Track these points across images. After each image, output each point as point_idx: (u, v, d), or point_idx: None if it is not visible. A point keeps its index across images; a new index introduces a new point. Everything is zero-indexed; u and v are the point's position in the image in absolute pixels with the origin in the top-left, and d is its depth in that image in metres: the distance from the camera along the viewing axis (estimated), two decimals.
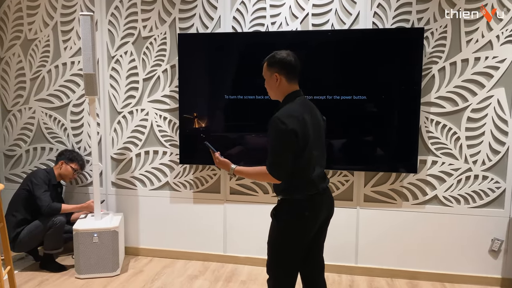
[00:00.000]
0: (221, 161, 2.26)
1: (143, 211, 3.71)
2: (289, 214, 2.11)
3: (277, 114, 2.04)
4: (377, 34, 3.14)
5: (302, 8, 3.27)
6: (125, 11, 3.54)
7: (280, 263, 2.17)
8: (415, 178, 3.25)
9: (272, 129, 2.03)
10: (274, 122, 2.03)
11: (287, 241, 2.12)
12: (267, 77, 2.17)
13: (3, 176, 3.96)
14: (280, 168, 2.03)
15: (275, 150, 2.03)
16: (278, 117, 2.02)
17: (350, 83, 3.17)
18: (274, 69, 2.12)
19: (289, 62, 2.11)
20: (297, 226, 2.11)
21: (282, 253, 2.15)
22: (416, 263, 3.29)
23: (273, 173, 2.04)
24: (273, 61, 2.12)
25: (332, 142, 3.26)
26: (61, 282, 3.22)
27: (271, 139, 2.04)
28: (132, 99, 3.62)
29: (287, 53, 2.14)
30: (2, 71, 3.84)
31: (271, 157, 2.04)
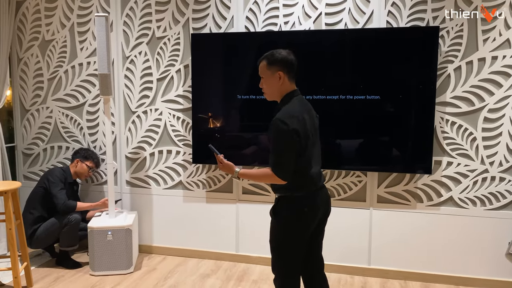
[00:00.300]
0: (225, 164, 2.21)
1: (157, 210, 3.75)
2: (289, 211, 2.13)
3: (277, 116, 2.05)
4: (392, 33, 3.10)
5: (315, 7, 3.25)
6: (140, 11, 3.58)
7: (284, 261, 2.18)
8: (429, 179, 3.20)
9: (273, 130, 2.04)
10: (275, 123, 2.04)
11: (289, 238, 2.14)
12: (267, 76, 2.15)
13: (22, 174, 4.05)
14: (285, 168, 2.04)
15: (278, 151, 2.04)
16: (279, 118, 2.03)
17: (363, 83, 3.14)
18: (277, 67, 2.11)
19: (291, 61, 2.13)
20: (297, 223, 2.13)
21: (285, 251, 2.17)
22: (430, 266, 3.24)
23: (279, 174, 2.04)
24: (274, 59, 2.11)
25: (345, 142, 3.24)
26: (76, 278, 3.28)
27: (273, 141, 2.06)
28: (146, 99, 3.66)
29: (287, 52, 2.14)
30: (21, 71, 3.92)
31: (275, 158, 2.05)
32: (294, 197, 2.12)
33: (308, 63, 3.21)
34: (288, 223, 2.14)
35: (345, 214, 3.35)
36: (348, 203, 3.35)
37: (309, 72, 3.21)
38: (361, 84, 3.14)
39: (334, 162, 3.27)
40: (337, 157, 3.27)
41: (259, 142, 3.41)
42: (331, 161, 3.27)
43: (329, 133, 3.25)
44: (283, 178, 2.05)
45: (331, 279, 3.30)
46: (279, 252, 2.18)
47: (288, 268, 2.18)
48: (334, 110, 3.21)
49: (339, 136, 3.26)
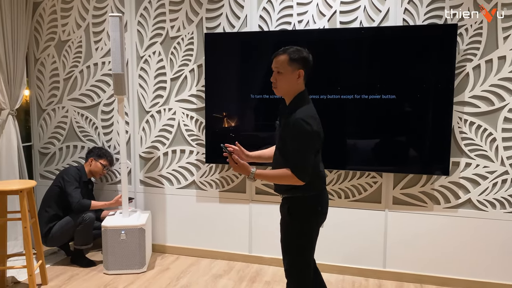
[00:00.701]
0: (241, 164, 2.11)
1: (170, 209, 3.76)
2: (305, 211, 2.15)
3: (299, 116, 2.03)
4: (408, 31, 3.03)
5: (330, 5, 3.20)
6: (154, 11, 3.59)
7: (302, 261, 2.18)
8: (447, 181, 3.12)
9: (296, 130, 2.01)
10: (299, 123, 2.00)
11: (307, 236, 2.16)
12: (286, 71, 2.09)
13: (38, 173, 4.10)
14: (306, 169, 2.03)
15: (300, 151, 2.02)
16: (303, 118, 2.01)
17: (379, 82, 3.08)
18: (298, 65, 2.08)
19: (311, 62, 2.15)
20: (313, 221, 2.17)
21: (303, 250, 2.18)
22: (447, 269, 3.16)
23: (300, 175, 2.02)
24: (297, 57, 2.08)
25: (359, 143, 3.19)
26: (90, 277, 3.30)
27: (294, 140, 2.03)
28: (160, 98, 3.67)
29: (307, 52, 2.13)
30: (38, 71, 3.97)
31: (296, 159, 2.02)
32: (308, 197, 2.12)
33: (323, 62, 3.16)
34: (306, 223, 2.16)
35: (360, 215, 3.29)
36: (363, 205, 3.29)
37: (324, 71, 3.16)
38: (376, 84, 3.08)
39: (349, 163, 3.22)
40: (351, 157, 3.21)
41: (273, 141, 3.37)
42: (345, 161, 3.22)
43: (343, 133, 3.20)
44: (303, 180, 2.03)
45: (345, 281, 3.26)
46: (299, 253, 2.17)
47: (305, 268, 2.19)
48: (349, 109, 3.16)
49: (353, 136, 3.20)
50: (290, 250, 2.19)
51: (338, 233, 3.34)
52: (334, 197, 3.34)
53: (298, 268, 2.20)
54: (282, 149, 2.13)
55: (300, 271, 2.19)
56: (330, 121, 3.18)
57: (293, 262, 2.20)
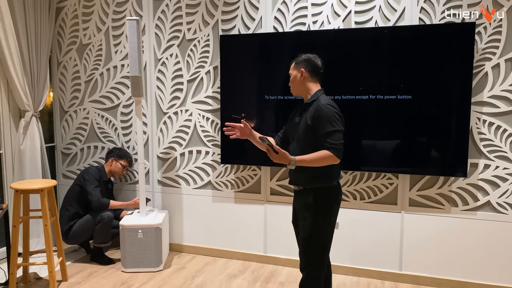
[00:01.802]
0: (282, 153, 2.13)
1: (187, 209, 3.81)
2: (329, 200, 2.29)
3: (323, 102, 2.21)
4: (425, 30, 2.98)
5: (345, 5, 3.19)
6: (171, 14, 3.65)
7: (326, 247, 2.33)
8: (465, 183, 3.06)
9: (325, 114, 2.17)
10: (326, 107, 2.18)
11: (332, 225, 2.31)
12: (293, 74, 2.36)
13: (61, 173, 4.23)
14: (341, 147, 2.16)
15: (335, 132, 2.15)
16: (326, 103, 2.21)
17: (394, 82, 3.04)
18: (301, 65, 2.33)
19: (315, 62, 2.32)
20: (334, 210, 2.32)
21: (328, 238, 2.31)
22: (466, 273, 3.09)
23: (339, 154, 2.15)
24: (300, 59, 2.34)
25: (375, 144, 3.16)
26: (108, 274, 3.38)
27: (327, 122, 2.16)
28: (177, 100, 3.73)
29: (314, 56, 2.35)
30: (60, 74, 4.10)
31: (333, 139, 2.14)
32: (329, 187, 2.28)
33: (338, 63, 3.16)
34: (331, 211, 2.29)
35: (376, 217, 3.26)
36: (379, 206, 3.26)
37: (339, 72, 3.15)
38: (392, 84, 3.05)
39: (364, 164, 3.19)
40: (366, 158, 3.19)
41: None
42: (361, 163, 3.19)
43: (359, 134, 3.18)
44: (340, 157, 2.16)
45: (360, 283, 3.23)
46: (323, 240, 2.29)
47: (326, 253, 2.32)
48: (364, 110, 3.14)
49: (369, 137, 3.17)
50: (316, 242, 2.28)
51: (353, 234, 3.32)
52: (349, 198, 3.32)
53: (321, 259, 2.31)
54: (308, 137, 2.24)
55: (321, 263, 2.31)
56: (345, 122, 3.16)
57: (316, 254, 2.29)
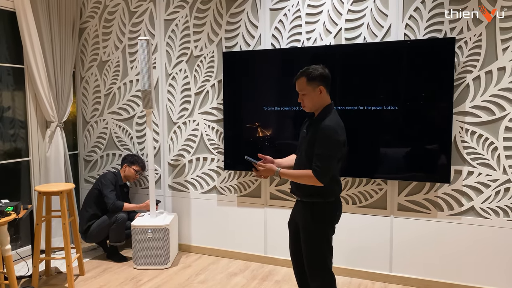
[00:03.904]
0: (266, 168, 2.35)
1: (195, 212, 4.11)
2: (328, 216, 2.37)
3: (329, 123, 2.24)
4: (408, 45, 3.19)
5: (336, 23, 3.43)
6: (180, 33, 4.00)
7: (329, 262, 2.42)
8: (450, 189, 3.22)
9: (326, 136, 2.22)
10: (328, 130, 2.22)
11: (329, 240, 2.38)
12: (308, 91, 2.31)
13: (83, 178, 4.63)
14: (328, 174, 2.24)
15: (325, 156, 2.22)
16: (333, 126, 2.24)
17: (381, 94, 3.25)
18: (317, 82, 2.30)
19: (328, 76, 2.34)
20: (332, 224, 2.40)
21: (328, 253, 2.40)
22: (452, 275, 3.24)
23: (320, 178, 2.22)
24: (313, 75, 2.29)
25: (364, 152, 3.36)
26: (121, 270, 3.71)
27: (322, 145, 2.22)
28: (186, 111, 4.05)
29: (322, 67, 2.34)
30: (83, 88, 4.52)
31: (320, 163, 2.22)
32: (329, 203, 2.36)
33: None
34: (329, 227, 2.39)
35: (367, 221, 3.45)
36: (369, 211, 3.45)
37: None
38: (379, 95, 3.26)
39: (355, 170, 3.40)
40: (357, 165, 3.39)
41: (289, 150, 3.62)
42: (353, 169, 3.40)
43: (349, 143, 3.38)
44: (322, 181, 2.23)
45: (352, 283, 3.42)
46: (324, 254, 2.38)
47: (330, 268, 2.41)
48: (353, 120, 3.35)
49: (359, 146, 3.38)
50: (316, 253, 2.37)
51: (346, 237, 3.52)
52: (342, 203, 3.52)
53: (324, 269, 2.40)
54: (308, 152, 2.30)
55: (327, 272, 2.41)
56: None
57: (319, 265, 2.39)
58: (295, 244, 2.56)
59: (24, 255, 3.89)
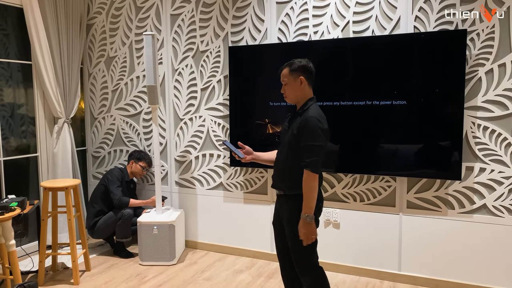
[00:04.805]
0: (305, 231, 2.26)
1: (201, 208, 4.08)
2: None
3: (312, 114, 2.24)
4: (418, 38, 3.09)
5: (343, 16, 3.35)
6: (186, 28, 3.96)
7: (316, 254, 2.39)
8: (461, 186, 3.12)
9: (309, 127, 2.21)
10: (312, 121, 2.22)
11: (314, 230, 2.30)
12: (289, 81, 2.34)
13: (91, 174, 4.64)
14: (319, 163, 2.24)
15: (313, 147, 2.21)
16: (316, 117, 2.24)
17: (390, 88, 3.17)
18: (298, 73, 2.32)
19: (310, 68, 2.35)
20: (317, 217, 2.34)
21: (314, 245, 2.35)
22: (463, 275, 3.14)
23: (314, 169, 2.20)
24: (295, 66, 2.33)
25: (373, 148, 3.28)
26: (127, 266, 3.71)
27: (308, 137, 2.22)
28: (192, 107, 4.02)
29: (306, 61, 2.36)
30: (91, 84, 4.53)
31: (310, 155, 2.21)
32: None
33: (336, 70, 3.33)
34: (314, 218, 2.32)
35: (375, 218, 3.38)
36: (378, 208, 3.37)
37: (337, 78, 3.32)
38: (387, 89, 3.17)
39: (363, 167, 3.33)
40: (365, 162, 3.32)
41: None
42: (360, 166, 3.33)
43: (358, 139, 3.32)
44: (317, 172, 2.22)
45: (360, 282, 3.35)
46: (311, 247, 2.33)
47: (317, 260, 2.39)
48: (361, 115, 3.27)
49: (367, 141, 3.30)
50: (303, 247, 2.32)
51: (354, 235, 3.45)
52: (349, 200, 3.46)
53: (312, 262, 2.38)
54: (293, 144, 2.31)
55: (315, 264, 2.38)
56: (344, 127, 3.33)
57: (306, 257, 2.36)
58: (282, 242, 2.50)
59: (33, 250, 3.92)
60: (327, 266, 3.55)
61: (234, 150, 2.54)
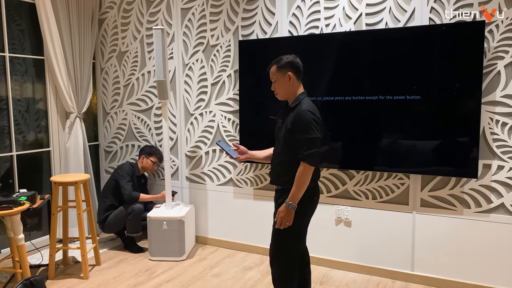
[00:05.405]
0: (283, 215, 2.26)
1: (211, 204, 4.05)
2: (303, 200, 2.27)
3: (304, 107, 2.24)
4: (434, 30, 2.97)
5: (356, 8, 3.25)
6: (196, 22, 3.91)
7: (296, 248, 2.36)
8: (477, 184, 3.00)
9: (302, 121, 2.20)
10: (304, 114, 2.22)
11: (302, 226, 2.32)
12: (278, 77, 2.35)
13: (103, 169, 4.67)
14: (316, 155, 2.22)
15: (309, 140, 2.20)
16: (308, 109, 2.23)
17: (404, 83, 3.06)
18: (286, 69, 2.32)
19: (297, 64, 2.33)
20: (308, 211, 2.35)
21: (298, 239, 2.36)
22: (478, 276, 3.03)
23: (311, 162, 2.19)
24: (283, 62, 2.32)
25: (386, 144, 3.19)
26: (137, 261, 3.71)
27: (303, 130, 2.20)
28: (202, 102, 3.98)
29: (294, 56, 2.36)
30: (103, 79, 4.53)
31: (306, 148, 2.19)
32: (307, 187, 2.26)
33: (349, 64, 3.24)
34: (303, 212, 2.31)
35: (387, 217, 3.28)
36: (390, 206, 3.28)
37: (349, 73, 3.23)
38: (400, 84, 3.07)
39: (376, 164, 3.23)
40: (378, 158, 3.22)
41: None
42: (372, 162, 3.24)
43: (370, 135, 3.22)
44: (314, 164, 2.21)
45: (371, 282, 3.27)
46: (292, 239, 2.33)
47: (292, 257, 2.35)
48: (374, 111, 3.18)
49: (380, 137, 3.21)
50: (284, 237, 2.33)
51: (365, 233, 3.37)
52: (361, 198, 3.37)
53: (289, 254, 2.36)
54: (287, 139, 2.30)
55: (291, 257, 2.36)
56: (356, 122, 3.24)
57: (285, 249, 2.36)
58: None
59: (46, 243, 3.96)
60: (337, 265, 3.48)
61: (227, 150, 2.55)
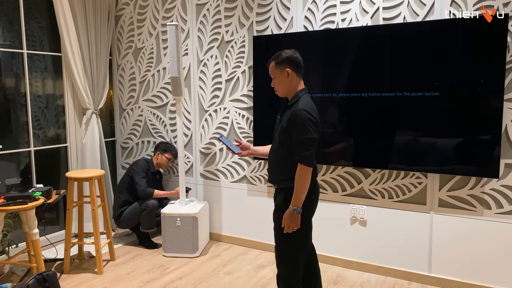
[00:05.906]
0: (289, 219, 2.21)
1: (225, 201, 4.03)
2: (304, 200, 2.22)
3: (301, 106, 2.17)
4: (454, 24, 2.86)
5: (373, 2, 3.16)
6: (211, 18, 3.89)
7: (298, 250, 2.30)
8: (499, 184, 2.88)
9: (299, 120, 2.14)
10: (301, 113, 2.14)
11: (302, 226, 2.24)
12: (276, 74, 2.29)
13: (120, 165, 4.70)
14: (312, 156, 2.18)
15: (305, 140, 2.15)
16: (304, 108, 2.16)
17: (422, 79, 2.96)
18: (284, 65, 2.25)
19: (296, 59, 2.27)
20: (307, 211, 2.26)
21: (300, 240, 2.28)
22: (498, 280, 2.92)
23: (307, 163, 2.14)
24: (281, 58, 2.26)
25: (403, 142, 3.10)
26: (151, 257, 3.72)
27: (299, 131, 2.15)
28: (217, 98, 3.96)
29: (292, 51, 2.28)
30: (119, 76, 4.56)
31: (302, 149, 2.15)
32: None
33: (366, 60, 3.16)
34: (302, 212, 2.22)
35: (404, 217, 3.20)
36: (407, 206, 3.19)
37: (366, 69, 3.15)
38: (419, 80, 2.97)
39: (392, 162, 3.15)
40: (395, 157, 3.14)
41: None
42: (389, 161, 3.15)
43: (387, 132, 3.14)
44: (310, 165, 2.16)
45: (386, 283, 3.20)
46: (293, 240, 2.27)
47: (297, 258, 2.30)
48: (391, 108, 3.09)
49: (397, 135, 3.12)
50: (285, 239, 2.28)
51: (381, 233, 3.29)
52: (377, 197, 3.29)
53: (293, 256, 2.30)
54: (282, 138, 2.26)
55: (295, 259, 2.30)
56: (373, 120, 3.16)
57: (287, 251, 2.31)
58: None
59: (62, 238, 4.02)
60: (352, 265, 3.42)
61: (229, 145, 2.54)
